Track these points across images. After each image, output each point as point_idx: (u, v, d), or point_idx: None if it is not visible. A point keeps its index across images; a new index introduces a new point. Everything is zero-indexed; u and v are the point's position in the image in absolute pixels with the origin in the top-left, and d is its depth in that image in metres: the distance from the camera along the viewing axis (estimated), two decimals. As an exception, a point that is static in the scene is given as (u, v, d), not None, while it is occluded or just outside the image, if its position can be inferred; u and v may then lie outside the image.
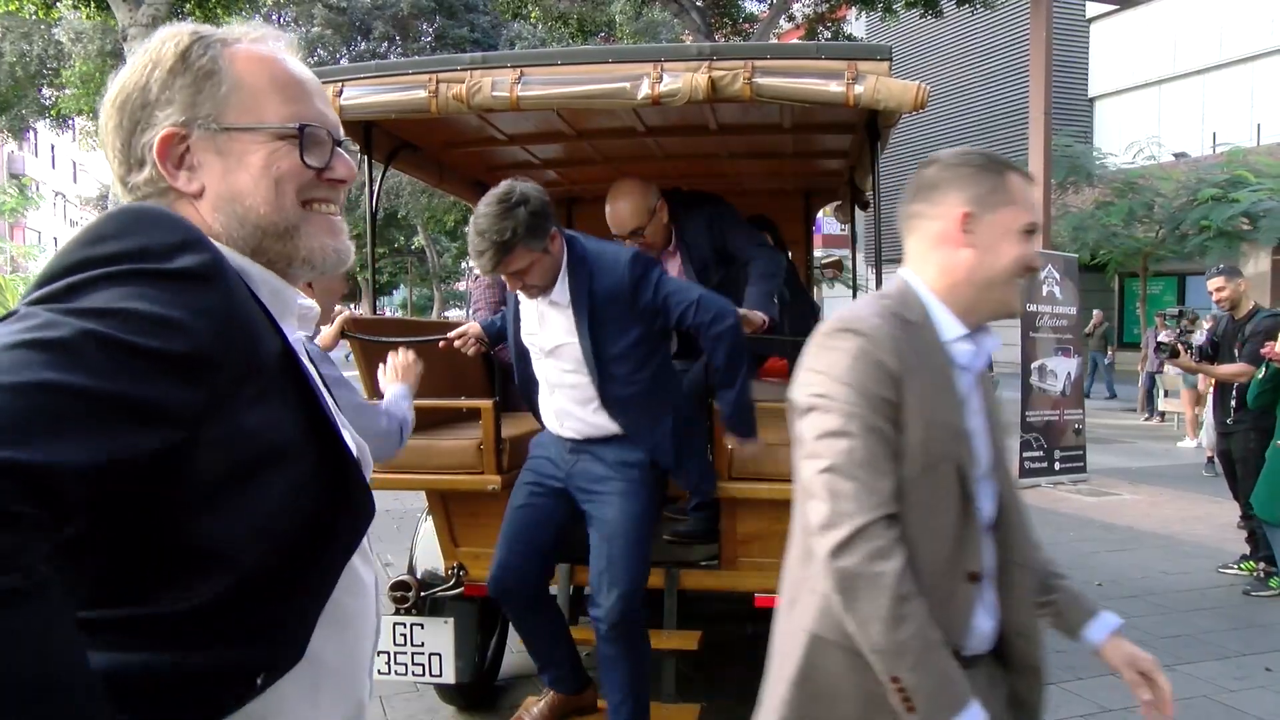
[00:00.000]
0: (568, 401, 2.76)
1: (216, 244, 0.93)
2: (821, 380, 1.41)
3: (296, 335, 1.01)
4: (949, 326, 1.48)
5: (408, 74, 2.92)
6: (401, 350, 2.76)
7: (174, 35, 0.97)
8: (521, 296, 2.76)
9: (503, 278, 2.68)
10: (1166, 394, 13.03)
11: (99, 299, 0.76)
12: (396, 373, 2.68)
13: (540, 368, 2.83)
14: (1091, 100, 23.29)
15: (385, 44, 21.01)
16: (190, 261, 0.82)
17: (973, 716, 1.32)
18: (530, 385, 2.92)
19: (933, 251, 1.50)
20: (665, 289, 2.66)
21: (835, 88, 2.65)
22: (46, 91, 22.20)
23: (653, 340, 2.72)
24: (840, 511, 1.34)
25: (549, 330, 2.73)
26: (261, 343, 0.87)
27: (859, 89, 2.63)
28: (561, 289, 2.65)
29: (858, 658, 1.38)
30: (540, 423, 2.95)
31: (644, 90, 2.71)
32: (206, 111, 0.95)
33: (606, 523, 2.71)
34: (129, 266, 0.79)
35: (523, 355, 2.90)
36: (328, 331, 2.87)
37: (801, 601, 1.49)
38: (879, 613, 1.31)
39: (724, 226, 3.41)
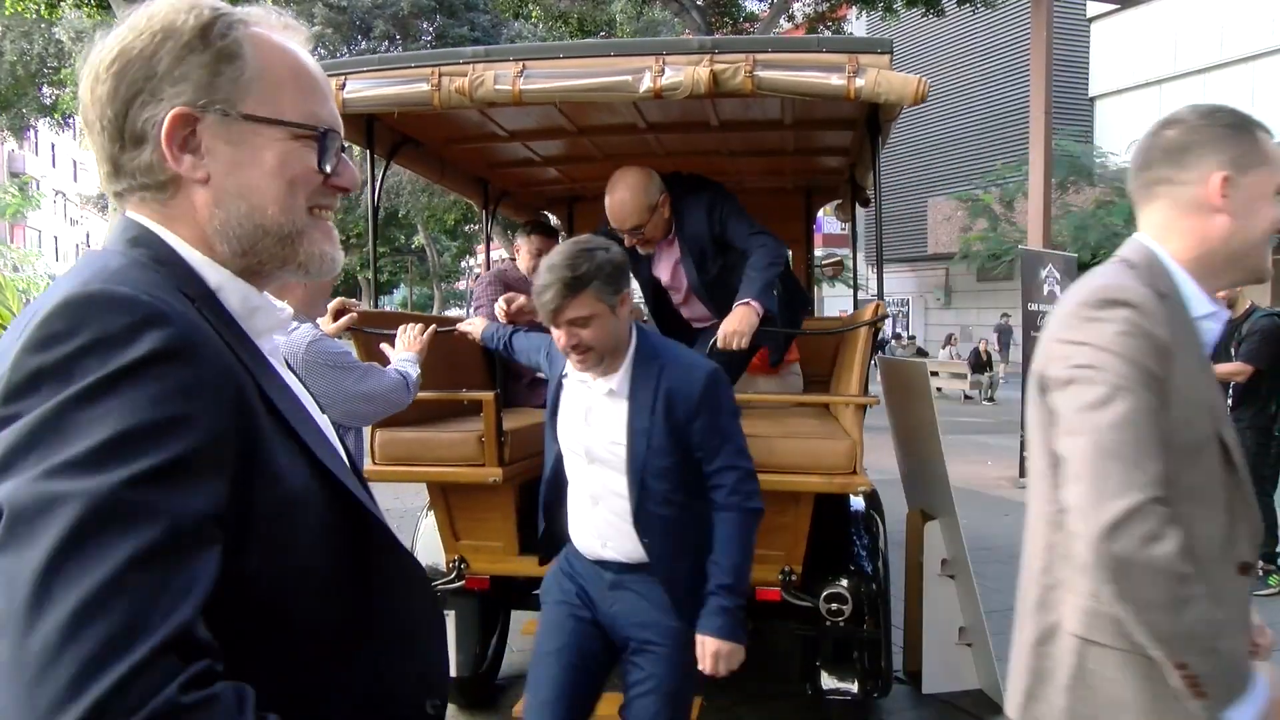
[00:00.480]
0: (616, 517, 2.35)
1: (192, 255, 0.89)
2: (1085, 351, 1.29)
3: (275, 341, 0.99)
4: (1198, 302, 1.40)
5: (410, 67, 2.93)
6: (411, 326, 2.95)
7: (191, 6, 0.89)
8: (567, 378, 2.44)
9: (554, 335, 2.31)
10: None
11: (92, 430, 0.69)
12: (405, 345, 2.88)
13: (581, 476, 2.42)
14: (1092, 100, 23.30)
15: (385, 43, 20.99)
16: (155, 342, 0.74)
17: (1261, 689, 1.25)
18: (557, 496, 2.53)
19: (1182, 219, 1.40)
20: (730, 426, 2.36)
21: (836, 80, 2.66)
22: (47, 90, 22.22)
23: (687, 466, 2.33)
24: (1106, 492, 1.21)
25: (599, 429, 2.35)
26: (244, 393, 0.82)
27: (860, 82, 2.64)
28: (624, 378, 2.33)
29: (1133, 657, 1.28)
30: (567, 544, 2.53)
31: (646, 83, 2.72)
32: (224, 95, 0.88)
33: (656, 691, 2.34)
34: (97, 376, 0.71)
35: (551, 458, 2.53)
36: (330, 328, 2.88)
37: (1054, 601, 1.39)
38: (1158, 599, 1.19)
39: (724, 214, 3.33)
